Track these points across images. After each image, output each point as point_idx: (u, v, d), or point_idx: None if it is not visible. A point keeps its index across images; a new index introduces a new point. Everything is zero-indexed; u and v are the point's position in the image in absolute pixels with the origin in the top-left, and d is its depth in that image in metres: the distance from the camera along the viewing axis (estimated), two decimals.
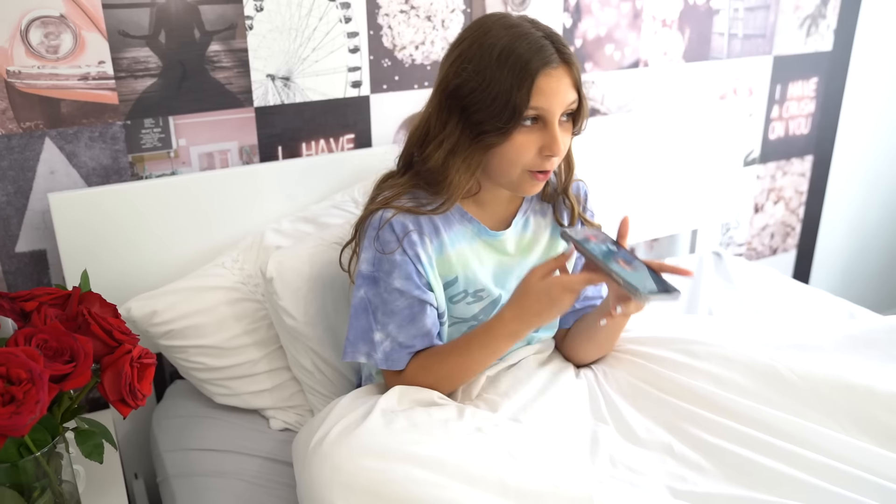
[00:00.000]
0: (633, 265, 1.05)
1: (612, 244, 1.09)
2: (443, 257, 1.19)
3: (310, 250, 1.33)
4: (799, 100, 2.32)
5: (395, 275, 1.14)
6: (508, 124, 1.06)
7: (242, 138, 1.56)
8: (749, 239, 2.43)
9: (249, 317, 1.39)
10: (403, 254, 1.15)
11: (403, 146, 1.22)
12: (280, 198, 1.55)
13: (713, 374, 1.24)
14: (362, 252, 1.18)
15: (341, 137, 1.66)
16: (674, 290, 1.00)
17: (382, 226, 1.15)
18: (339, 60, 1.60)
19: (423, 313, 1.16)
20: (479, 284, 1.21)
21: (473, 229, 1.21)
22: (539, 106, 1.06)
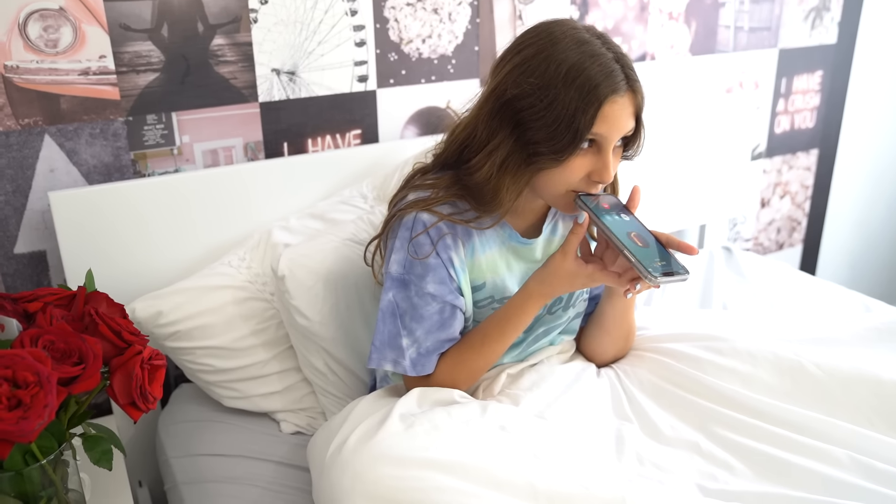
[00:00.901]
0: (645, 239, 1.04)
1: (625, 213, 1.08)
2: (473, 262, 1.15)
3: (322, 247, 1.29)
4: (804, 93, 2.30)
5: (428, 279, 1.10)
6: (567, 149, 1.01)
7: (247, 134, 1.52)
8: (756, 234, 2.40)
9: (258, 316, 1.35)
10: (437, 257, 1.11)
11: (444, 144, 1.17)
12: (286, 194, 1.51)
13: (738, 371, 1.21)
14: (392, 252, 1.13)
15: (348, 133, 1.62)
16: (684, 272, 1.01)
17: (419, 229, 1.10)
18: (345, 54, 1.57)
19: (453, 318, 1.13)
20: (507, 291, 1.18)
21: (505, 235, 1.17)
22: (599, 133, 1.02)
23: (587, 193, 1.07)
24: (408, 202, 1.13)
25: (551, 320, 1.25)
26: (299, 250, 1.28)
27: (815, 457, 1.08)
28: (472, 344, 1.15)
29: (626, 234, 1.03)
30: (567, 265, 1.08)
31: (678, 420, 1.18)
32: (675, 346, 1.29)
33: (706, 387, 1.20)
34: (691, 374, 1.22)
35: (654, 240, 1.05)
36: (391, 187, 1.50)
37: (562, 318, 1.25)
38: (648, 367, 1.27)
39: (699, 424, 1.16)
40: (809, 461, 1.07)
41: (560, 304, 1.24)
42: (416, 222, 1.11)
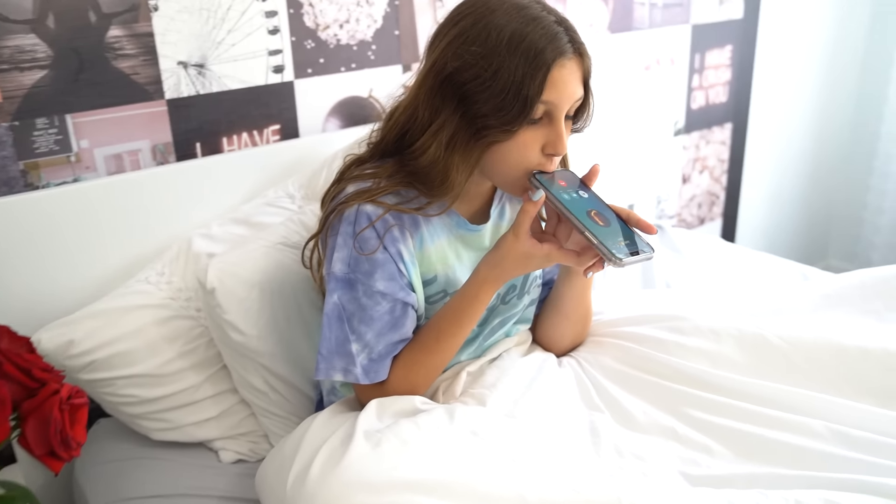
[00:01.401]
0: (605, 217, 0.97)
1: (583, 190, 1.01)
2: (423, 254, 1.06)
3: (252, 254, 1.17)
4: (716, 68, 2.32)
5: (376, 276, 1.01)
6: (517, 119, 0.94)
7: (155, 136, 1.37)
8: (679, 210, 2.42)
9: (183, 336, 1.21)
10: (385, 251, 1.01)
11: (381, 130, 1.09)
12: (204, 199, 1.38)
13: (704, 350, 1.17)
14: (335, 250, 1.02)
15: (266, 129, 1.50)
16: (650, 251, 0.96)
17: (363, 223, 1.00)
18: (257, 43, 1.44)
19: (405, 317, 1.04)
20: (458, 283, 1.09)
21: (452, 223, 1.09)
22: (549, 100, 0.95)
23: (541, 172, 1.00)
24: (348, 194, 1.03)
25: (506, 310, 1.17)
26: (228, 259, 1.15)
27: (794, 430, 1.04)
28: (425, 343, 1.06)
29: (586, 213, 0.96)
30: (520, 246, 0.99)
31: (650, 405, 1.13)
32: (636, 330, 1.24)
33: (673, 369, 1.15)
34: (656, 356, 1.17)
35: (615, 217, 0.99)
36: (320, 184, 1.39)
37: (517, 306, 1.18)
38: (611, 353, 1.22)
39: (672, 408, 1.12)
40: (788, 435, 1.04)
41: (514, 293, 1.17)
42: (359, 215, 1.01)
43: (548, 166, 1.00)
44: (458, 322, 1.05)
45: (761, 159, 2.60)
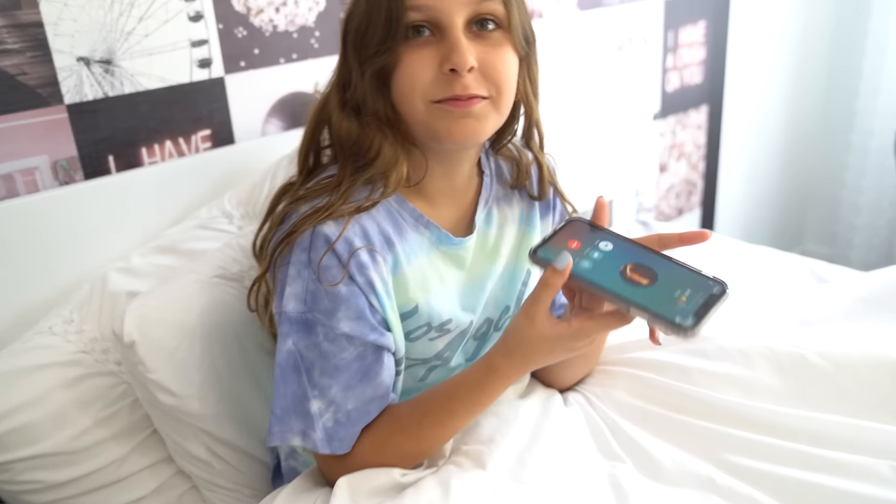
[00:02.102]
0: (646, 267, 0.71)
1: (603, 240, 0.74)
2: (399, 279, 0.85)
3: (182, 292, 0.94)
4: (690, 46, 2.15)
5: (340, 314, 0.79)
6: (389, 34, 0.78)
7: (54, 149, 1.12)
8: (657, 202, 2.25)
9: (101, 399, 0.97)
10: (351, 283, 0.80)
11: (302, 140, 0.90)
12: (122, 224, 1.14)
13: (734, 377, 0.99)
14: (286, 284, 0.80)
15: (194, 135, 1.26)
16: (721, 290, 0.69)
17: (321, 248, 0.79)
18: (177, 33, 1.20)
19: (378, 364, 0.82)
20: (445, 313, 0.89)
21: (432, 237, 0.88)
22: (421, 4, 0.77)
23: (542, 243, 0.75)
24: (302, 215, 0.81)
25: (497, 337, 0.98)
26: (150, 301, 0.92)
27: (856, 475, 0.86)
28: (405, 423, 0.84)
29: (619, 276, 0.71)
30: (538, 330, 0.75)
31: (679, 450, 0.93)
32: (649, 355, 1.05)
33: (702, 403, 0.97)
34: (680, 388, 0.98)
35: (659, 257, 0.73)
36: (262, 199, 1.16)
37: None
38: (624, 385, 1.02)
39: (706, 453, 0.92)
40: (850, 482, 0.85)
41: (507, 315, 0.99)
42: (314, 239, 0.80)
43: (452, 89, 0.78)
44: (451, 409, 0.83)
45: (738, 142, 2.45)
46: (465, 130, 0.80)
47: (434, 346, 0.90)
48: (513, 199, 0.97)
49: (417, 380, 0.93)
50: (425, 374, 0.92)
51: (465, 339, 0.93)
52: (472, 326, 0.93)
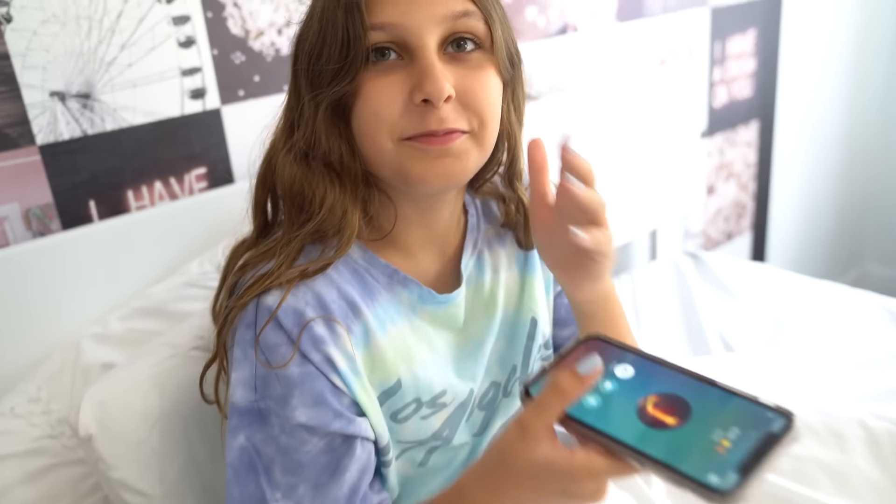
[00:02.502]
0: (677, 398, 0.50)
1: (626, 364, 0.53)
2: (372, 352, 0.69)
3: (152, 370, 0.79)
4: (739, 57, 1.97)
5: (294, 401, 0.64)
6: (346, 57, 0.64)
7: (26, 196, 0.99)
8: (704, 226, 2.06)
9: (69, 494, 0.83)
10: (304, 362, 0.64)
11: (254, 189, 0.76)
12: (102, 281, 1.00)
13: (825, 463, 0.82)
14: (233, 370, 0.66)
15: (187, 175, 1.12)
16: (783, 426, 0.46)
17: (263, 322, 0.65)
18: (165, 60, 1.06)
19: (349, 455, 0.66)
20: (437, 385, 0.73)
21: (411, 296, 0.72)
22: (385, 22, 0.63)
23: (538, 375, 0.54)
24: (244, 285, 0.68)
25: (509, 403, 0.82)
26: (113, 386, 0.77)
27: None
28: None
29: (636, 419, 0.50)
30: (531, 449, 0.52)
31: None
32: None
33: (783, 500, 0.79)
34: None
35: (693, 381, 0.51)
36: None
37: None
38: None
39: None
40: None
41: (515, 375, 0.81)
42: (259, 313, 0.66)
43: (427, 124, 0.63)
44: None
45: (791, 159, 2.25)
46: (442, 173, 0.65)
47: (429, 426, 0.74)
48: (506, 238, 0.81)
49: (417, 465, 0.77)
50: (425, 457, 0.76)
51: (466, 412, 0.77)
52: (474, 396, 0.77)
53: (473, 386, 0.77)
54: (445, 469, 0.79)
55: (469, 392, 0.76)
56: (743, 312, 1.40)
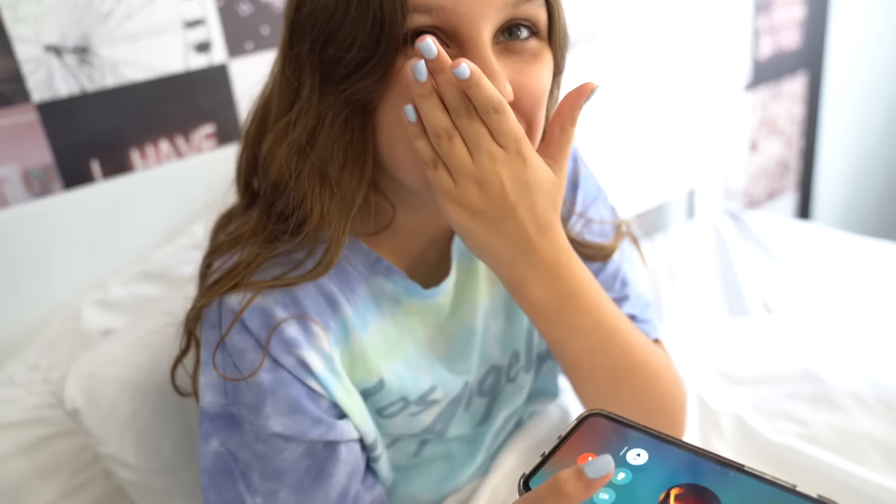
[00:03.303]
0: (702, 490, 0.40)
1: (638, 448, 0.44)
2: (352, 349, 0.63)
3: (146, 341, 0.75)
4: (786, 4, 1.84)
5: (267, 409, 0.58)
6: (375, 48, 0.51)
7: (25, 156, 0.95)
8: (746, 185, 1.96)
9: (67, 466, 0.80)
10: (276, 367, 0.58)
11: (240, 152, 0.67)
12: (105, 243, 0.96)
13: (873, 437, 0.74)
14: (202, 373, 0.61)
15: (194, 132, 1.07)
16: None
17: (228, 325, 0.58)
18: (167, 12, 1.00)
19: (333, 460, 0.61)
20: (424, 383, 0.67)
21: (398, 289, 0.65)
22: (432, 4, 0.51)
23: (538, 465, 0.43)
24: (209, 284, 0.61)
25: (514, 392, 0.75)
26: (103, 356, 0.74)
27: None
28: None
29: None
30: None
31: None
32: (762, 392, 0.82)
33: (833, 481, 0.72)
34: (802, 453, 0.74)
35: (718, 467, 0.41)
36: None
37: (525, 381, 0.76)
38: (730, 436, 0.79)
39: None
40: None
41: (519, 364, 0.74)
42: (223, 314, 0.59)
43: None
44: None
45: (841, 114, 2.12)
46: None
47: (419, 422, 0.68)
48: None
49: (410, 455, 0.72)
50: (418, 448, 0.71)
51: (461, 405, 0.71)
52: (470, 386, 0.71)
53: (468, 378, 0.70)
54: (444, 460, 0.74)
55: (463, 385, 0.70)
56: (785, 274, 1.31)
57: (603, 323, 0.60)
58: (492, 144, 0.52)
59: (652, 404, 0.66)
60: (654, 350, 0.67)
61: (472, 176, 0.52)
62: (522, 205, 0.53)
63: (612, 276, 0.73)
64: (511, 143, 0.52)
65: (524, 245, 0.54)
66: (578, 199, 0.73)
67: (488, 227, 0.53)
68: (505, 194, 0.52)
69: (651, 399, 0.65)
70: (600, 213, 0.74)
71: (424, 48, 0.49)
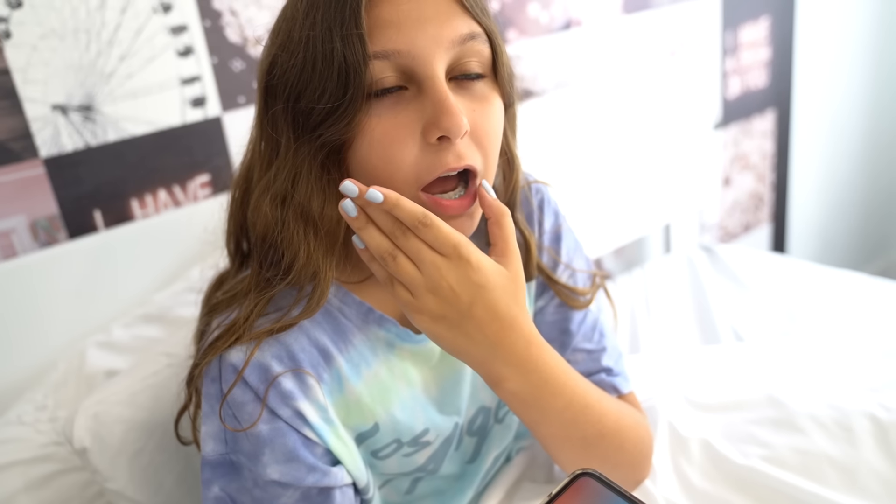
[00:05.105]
0: None
1: None
2: (347, 398, 0.68)
3: (148, 381, 0.80)
4: (752, 46, 1.94)
5: (265, 458, 0.63)
6: (346, 94, 0.57)
7: (32, 208, 1.01)
8: (721, 219, 2.03)
9: (74, 500, 0.84)
10: (274, 418, 0.63)
11: (227, 216, 0.72)
12: (108, 289, 1.01)
13: (832, 458, 0.80)
14: (204, 423, 0.65)
15: (190, 182, 1.13)
16: None
17: (230, 380, 0.63)
18: (165, 70, 1.07)
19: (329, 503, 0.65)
20: (418, 425, 0.71)
21: (388, 335, 0.69)
22: (390, 49, 0.57)
23: None
24: (208, 342, 0.66)
25: (502, 431, 0.80)
26: (108, 398, 0.79)
27: None
28: None
29: None
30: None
31: None
32: (728, 418, 0.87)
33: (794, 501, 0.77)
34: (766, 475, 0.79)
35: None
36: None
37: (512, 421, 0.81)
38: (698, 460, 0.84)
39: None
40: None
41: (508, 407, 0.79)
42: (223, 370, 0.63)
43: (445, 162, 0.59)
44: None
45: (810, 148, 2.21)
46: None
47: (412, 462, 0.73)
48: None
49: (403, 493, 0.76)
50: (411, 486, 0.76)
51: (452, 445, 0.75)
52: (460, 427, 0.75)
53: (458, 419, 0.75)
54: (436, 496, 0.78)
55: (454, 426, 0.74)
56: (756, 304, 1.37)
57: (575, 401, 0.66)
58: (432, 255, 0.56)
59: (619, 460, 0.73)
60: (624, 413, 0.73)
61: (423, 286, 0.57)
62: (478, 305, 0.58)
63: (591, 327, 0.78)
64: (450, 250, 0.57)
65: (492, 343, 0.59)
66: (563, 250, 0.79)
67: (452, 330, 0.58)
68: (457, 297, 0.57)
69: (619, 456, 0.72)
70: (580, 264, 0.80)
71: (346, 189, 0.55)
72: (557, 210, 0.80)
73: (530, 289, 0.78)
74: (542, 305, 0.78)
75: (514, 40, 1.45)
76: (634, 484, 0.78)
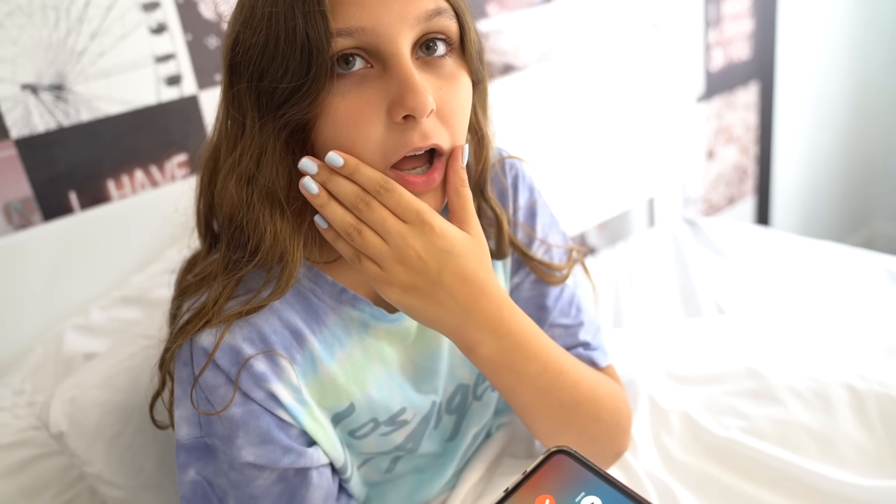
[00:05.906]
0: None
1: (592, 495, 0.44)
2: (320, 379, 0.67)
3: (125, 364, 0.79)
4: (735, 18, 1.93)
5: (239, 441, 0.62)
6: (305, 74, 0.55)
7: (4, 190, 0.99)
8: (705, 192, 2.03)
9: (54, 484, 0.84)
10: (247, 401, 0.62)
11: (196, 197, 0.71)
12: (84, 271, 1.00)
13: (809, 427, 0.80)
14: (176, 407, 0.64)
15: (167, 162, 1.11)
16: None
17: (201, 363, 0.62)
18: (138, 48, 1.05)
19: (304, 486, 0.65)
20: (395, 404, 0.71)
21: (361, 316, 0.69)
22: (353, 27, 0.55)
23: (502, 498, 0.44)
24: (179, 326, 0.65)
25: (481, 409, 0.80)
26: (85, 381, 0.78)
27: None
28: None
29: None
30: None
31: None
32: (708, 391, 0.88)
33: (772, 470, 0.78)
34: (744, 444, 0.80)
35: None
36: None
37: (491, 398, 0.81)
38: (678, 432, 0.85)
39: None
40: None
41: (485, 382, 0.79)
42: (194, 354, 0.63)
43: (411, 141, 0.57)
44: None
45: (794, 120, 2.21)
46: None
47: (390, 441, 0.72)
48: None
49: (383, 472, 0.76)
50: (390, 465, 0.76)
51: (430, 424, 0.75)
52: (438, 405, 0.75)
53: (436, 398, 0.74)
54: (417, 474, 0.78)
55: (431, 405, 0.74)
56: (739, 277, 1.38)
57: (549, 367, 0.66)
58: (397, 223, 0.57)
59: (596, 431, 0.72)
60: (600, 382, 0.73)
61: (391, 257, 0.57)
62: (447, 271, 0.58)
63: (568, 302, 0.78)
64: (413, 216, 0.57)
65: (464, 308, 0.60)
66: (538, 226, 0.78)
67: (423, 299, 0.59)
68: (425, 264, 0.58)
69: (596, 427, 0.72)
70: (555, 240, 0.80)
71: (305, 166, 0.56)
72: (532, 186, 0.79)
73: (506, 265, 0.77)
74: (518, 282, 0.78)
75: (495, 14, 1.44)
76: (614, 457, 0.78)
